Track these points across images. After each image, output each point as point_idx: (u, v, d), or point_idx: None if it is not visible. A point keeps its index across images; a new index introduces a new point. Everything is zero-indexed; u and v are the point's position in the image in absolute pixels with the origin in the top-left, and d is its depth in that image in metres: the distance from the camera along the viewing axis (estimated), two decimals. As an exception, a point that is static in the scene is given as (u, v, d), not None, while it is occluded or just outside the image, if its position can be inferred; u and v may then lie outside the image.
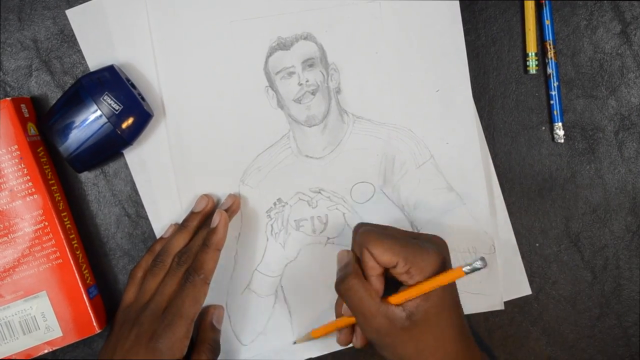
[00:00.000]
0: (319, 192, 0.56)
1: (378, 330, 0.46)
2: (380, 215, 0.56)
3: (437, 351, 0.46)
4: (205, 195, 0.55)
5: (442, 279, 0.45)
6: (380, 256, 0.46)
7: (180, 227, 0.54)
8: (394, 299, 0.46)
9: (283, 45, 0.55)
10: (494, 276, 0.56)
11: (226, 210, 0.53)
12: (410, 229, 0.56)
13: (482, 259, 0.42)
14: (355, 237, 0.49)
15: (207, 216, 0.54)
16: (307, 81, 0.55)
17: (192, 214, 0.55)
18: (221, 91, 0.55)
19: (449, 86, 0.55)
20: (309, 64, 0.55)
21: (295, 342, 0.56)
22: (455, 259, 0.55)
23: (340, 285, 0.47)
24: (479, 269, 0.43)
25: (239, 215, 0.56)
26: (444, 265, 0.46)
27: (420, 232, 0.55)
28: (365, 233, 0.47)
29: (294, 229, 0.56)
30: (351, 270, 0.47)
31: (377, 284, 0.47)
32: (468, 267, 0.43)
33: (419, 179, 0.56)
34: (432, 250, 0.46)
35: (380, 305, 0.46)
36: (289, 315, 0.56)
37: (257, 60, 0.55)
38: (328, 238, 0.56)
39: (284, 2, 0.55)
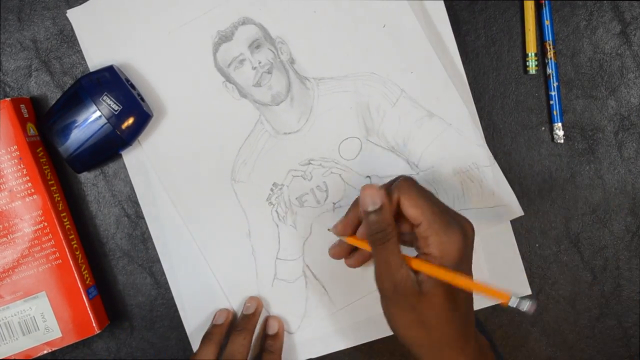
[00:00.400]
0: (310, 163, 0.56)
1: (396, 285, 0.45)
2: (376, 163, 0.56)
3: (433, 331, 0.45)
4: (224, 309, 0.56)
5: (478, 287, 0.44)
6: (409, 208, 0.45)
7: (206, 341, 0.54)
8: (415, 262, 0.45)
9: (225, 37, 0.55)
10: (503, 185, 0.55)
11: (253, 314, 0.55)
12: (408, 167, 0.55)
13: (533, 303, 0.41)
14: (394, 182, 0.48)
15: (230, 326, 0.55)
16: (259, 63, 0.55)
17: (215, 326, 0.55)
18: (182, 101, 0.55)
19: (392, 18, 0.55)
20: (255, 45, 0.55)
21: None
22: (461, 180, 0.55)
23: (377, 235, 0.46)
24: (523, 310, 0.42)
25: (242, 212, 0.56)
26: (465, 249, 0.45)
27: (451, 207, 0.51)
28: (407, 182, 0.46)
29: (299, 207, 0.56)
30: (390, 222, 0.46)
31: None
32: (515, 301, 0.42)
33: (398, 117, 0.55)
34: (458, 232, 0.45)
35: (403, 261, 0.45)
36: (324, 290, 0.56)
37: (206, 60, 0.55)
38: (334, 203, 0.56)
39: None
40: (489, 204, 0.55)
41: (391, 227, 0.46)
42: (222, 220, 0.56)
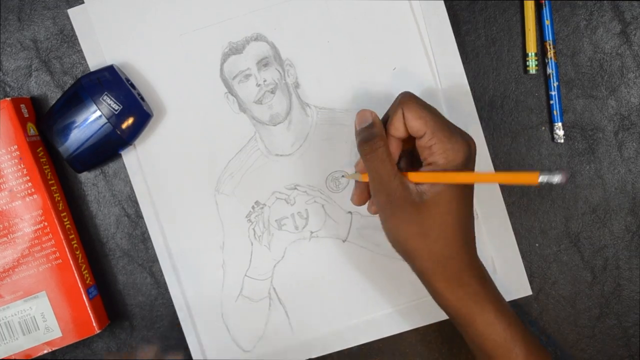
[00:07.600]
0: (295, 189, 0.56)
1: (389, 195, 0.45)
2: None
3: (436, 242, 0.45)
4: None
5: (500, 177, 0.42)
6: (412, 120, 0.45)
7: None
8: (413, 175, 0.45)
9: (235, 49, 0.55)
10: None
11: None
12: None
13: (564, 173, 0.37)
14: (396, 100, 0.48)
15: None
16: (264, 81, 0.55)
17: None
18: (182, 104, 0.56)
19: (404, 62, 0.55)
20: (263, 63, 0.55)
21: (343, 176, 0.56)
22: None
23: (365, 145, 0.47)
24: (556, 182, 0.37)
25: (220, 224, 0.56)
26: (468, 159, 0.45)
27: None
28: (408, 96, 0.47)
29: (277, 229, 0.56)
30: (378, 132, 0.47)
31: (395, 147, 0.47)
32: (545, 176, 0.38)
33: None
34: (462, 140, 0.45)
35: (397, 172, 0.46)
36: (285, 315, 0.57)
37: (213, 69, 0.55)
38: (311, 232, 0.56)
39: (230, 7, 0.55)
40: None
41: (379, 137, 0.46)
42: (198, 228, 0.56)
